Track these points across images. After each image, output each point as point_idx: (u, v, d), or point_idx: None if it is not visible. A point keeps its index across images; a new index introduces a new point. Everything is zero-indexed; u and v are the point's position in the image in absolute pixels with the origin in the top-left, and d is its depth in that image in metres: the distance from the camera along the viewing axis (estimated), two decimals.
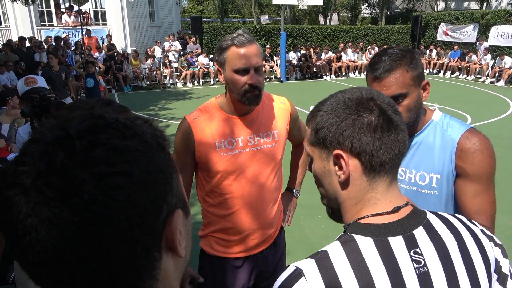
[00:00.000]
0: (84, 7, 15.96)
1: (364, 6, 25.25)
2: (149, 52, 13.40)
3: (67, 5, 15.71)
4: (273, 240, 1.74)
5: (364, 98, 0.77)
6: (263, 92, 1.67)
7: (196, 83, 13.22)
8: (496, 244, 0.83)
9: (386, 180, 0.77)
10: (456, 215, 0.85)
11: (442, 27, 17.12)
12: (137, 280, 0.43)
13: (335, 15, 25.01)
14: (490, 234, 0.84)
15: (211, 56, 13.46)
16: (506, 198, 4.64)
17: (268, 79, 14.08)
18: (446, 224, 0.79)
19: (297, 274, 0.70)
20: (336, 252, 0.72)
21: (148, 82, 12.77)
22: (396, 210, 0.76)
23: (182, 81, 13.08)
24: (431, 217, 0.79)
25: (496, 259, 0.81)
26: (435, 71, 15.56)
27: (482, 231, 0.83)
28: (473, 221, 0.85)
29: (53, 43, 12.14)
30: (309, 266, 0.71)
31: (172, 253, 0.47)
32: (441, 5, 22.27)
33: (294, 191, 1.88)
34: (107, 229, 0.39)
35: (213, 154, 1.54)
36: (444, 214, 0.83)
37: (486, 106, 9.85)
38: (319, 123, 0.79)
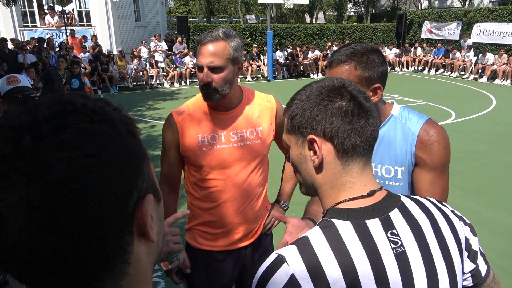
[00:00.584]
0: (68, 8, 15.74)
1: (350, 5, 25.46)
2: (135, 53, 13.29)
3: (50, 5, 15.44)
4: (257, 237, 1.75)
5: (336, 85, 0.80)
6: (247, 89, 1.70)
7: (183, 83, 13.17)
8: (465, 223, 0.87)
9: (359, 163, 0.79)
10: (428, 198, 0.88)
11: (426, 25, 17.38)
12: (108, 264, 0.43)
13: (321, 14, 25.16)
14: (459, 214, 0.88)
15: None
16: (487, 191, 4.75)
17: (255, 78, 14.12)
18: (420, 206, 0.83)
19: (280, 260, 0.72)
20: (316, 237, 0.74)
21: (135, 83, 12.66)
22: (371, 193, 0.79)
23: (169, 81, 13.01)
24: (405, 200, 0.83)
25: (466, 237, 0.85)
26: (419, 68, 15.79)
27: (452, 211, 0.87)
28: (443, 203, 0.89)
29: (37, 44, 11.96)
30: (291, 252, 0.73)
31: (144, 239, 0.47)
32: (425, 3, 22.59)
33: (282, 203, 1.89)
34: (76, 212, 0.39)
35: (196, 149, 1.58)
36: (417, 197, 0.87)
37: (469, 102, 10.05)
38: (293, 111, 0.82)
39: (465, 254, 0.84)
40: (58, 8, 15.07)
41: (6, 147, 0.39)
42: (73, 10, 15.87)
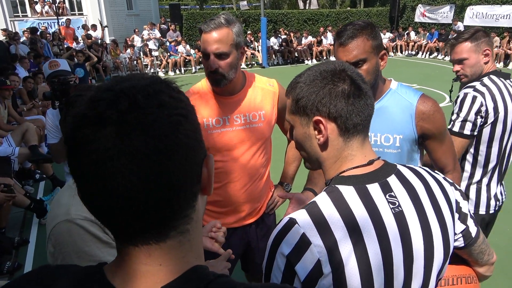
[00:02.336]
0: None
1: None
2: (128, 42, 13.18)
3: None
4: (260, 215, 1.85)
5: (337, 69, 0.88)
6: (250, 73, 1.76)
7: (177, 72, 13.13)
8: (456, 188, 0.97)
9: (359, 139, 0.88)
10: (421, 167, 0.98)
11: (420, 8, 17.36)
12: (185, 207, 0.52)
13: None
14: (451, 181, 0.98)
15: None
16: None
17: (250, 65, 14.08)
18: (414, 172, 0.92)
19: (291, 222, 0.81)
20: (323, 200, 0.83)
21: (129, 72, 12.58)
22: (371, 162, 0.88)
23: (163, 70, 12.97)
24: (401, 168, 0.92)
25: (456, 200, 0.94)
26: (413, 52, 15.83)
27: (444, 178, 0.97)
28: (436, 171, 0.98)
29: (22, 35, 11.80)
30: (301, 215, 0.82)
31: (202, 193, 0.57)
32: None
33: (285, 185, 1.98)
34: (177, 155, 0.48)
35: (202, 132, 1.63)
36: (412, 166, 0.96)
37: None
38: (299, 94, 0.89)
39: (456, 215, 0.94)
40: None
41: (124, 102, 0.47)
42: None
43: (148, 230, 0.50)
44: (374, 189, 0.85)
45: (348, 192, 0.83)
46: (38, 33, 12.09)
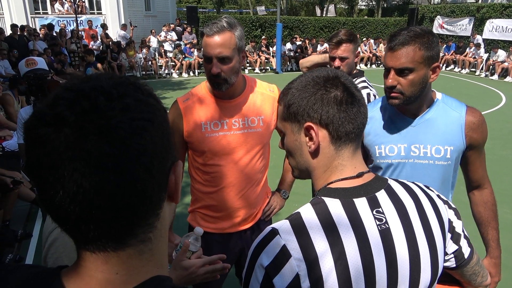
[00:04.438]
0: None
1: None
2: (146, 42, 13.35)
3: None
4: (256, 222, 1.82)
5: (331, 76, 0.85)
6: (251, 78, 1.74)
7: (191, 74, 13.22)
8: (450, 207, 0.92)
9: (351, 148, 0.85)
10: (415, 182, 0.93)
11: (438, 20, 17.17)
12: (147, 215, 0.50)
13: (332, 7, 24.95)
14: (445, 198, 0.93)
15: None
16: (494, 188, 4.75)
17: (264, 70, 14.11)
18: (406, 188, 0.88)
19: (273, 232, 0.78)
20: (307, 212, 0.80)
21: (144, 72, 12.74)
22: (360, 175, 0.84)
23: (177, 71, 13.07)
24: (392, 183, 0.88)
25: (449, 219, 0.90)
26: None
27: (438, 195, 0.92)
28: (430, 187, 0.94)
29: (48, 32, 12.07)
30: (283, 226, 0.79)
31: (168, 199, 0.55)
32: None
33: (282, 192, 1.95)
34: (136, 161, 0.46)
35: (199, 135, 1.63)
36: (405, 181, 0.92)
37: (479, 99, 9.97)
38: (290, 100, 0.87)
39: (448, 235, 0.89)
40: None
41: (84, 103, 0.45)
42: None
43: (105, 237, 0.48)
44: (361, 204, 0.81)
45: (334, 206, 0.80)
46: (58, 30, 12.34)
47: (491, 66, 13.41)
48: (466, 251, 0.92)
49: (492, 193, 1.60)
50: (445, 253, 0.90)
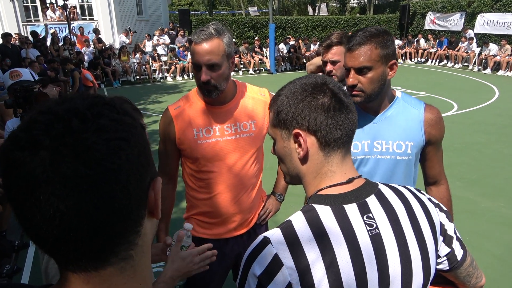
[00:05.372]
0: (70, 2, 15.75)
1: None
2: (140, 46, 13.33)
3: (52, 0, 15.47)
4: (252, 226, 1.82)
5: (319, 83, 0.86)
6: (241, 83, 1.75)
7: (185, 77, 13.21)
8: (441, 210, 0.93)
9: (340, 154, 0.85)
10: (405, 186, 0.94)
11: (430, 15, 17.25)
12: (127, 232, 0.51)
13: (323, 6, 25.00)
14: (436, 201, 0.94)
15: None
16: (487, 182, 4.79)
17: (257, 71, 14.12)
18: (396, 193, 0.88)
19: (265, 242, 0.79)
20: (298, 220, 0.81)
21: (138, 77, 12.71)
22: (350, 181, 0.85)
23: (171, 75, 13.05)
24: (382, 187, 0.88)
25: (441, 223, 0.91)
26: (423, 59, 15.72)
27: (429, 199, 0.93)
28: (421, 191, 0.94)
29: (31, 39, 12.02)
30: (275, 234, 0.79)
31: (151, 216, 0.55)
32: None
33: (277, 195, 1.96)
34: (112, 181, 0.46)
35: (192, 142, 1.64)
36: (395, 185, 0.92)
37: (472, 93, 10.03)
38: (279, 106, 0.88)
39: (440, 238, 0.90)
40: (60, 1, 15.10)
41: (58, 126, 0.46)
42: (75, 4, 15.90)
43: (85, 258, 0.48)
44: (351, 210, 0.82)
45: (325, 213, 0.81)
46: (49, 37, 12.28)
47: (483, 60, 13.49)
48: (459, 253, 0.92)
49: (448, 189, 1.67)
50: (438, 256, 0.91)
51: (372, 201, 0.84)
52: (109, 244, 0.49)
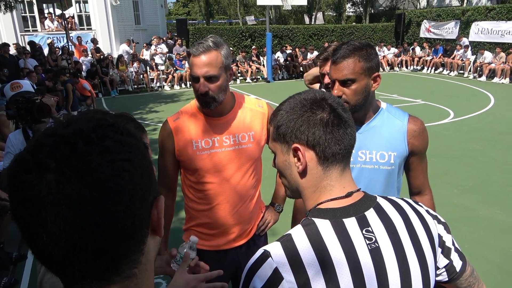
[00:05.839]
0: (69, 12, 15.84)
1: (349, 5, 25.48)
2: (137, 55, 13.38)
3: (50, 10, 15.55)
4: (251, 237, 1.83)
5: (318, 98, 0.88)
6: (239, 94, 1.78)
7: (183, 86, 13.25)
8: (439, 222, 0.94)
9: (339, 168, 0.87)
10: (404, 198, 0.96)
11: (425, 24, 17.42)
12: (131, 252, 0.52)
13: (320, 15, 25.19)
14: (434, 213, 0.95)
15: None
16: (483, 189, 4.81)
17: (255, 80, 14.18)
18: (395, 206, 0.90)
19: (265, 255, 0.80)
20: (298, 234, 0.82)
21: (136, 86, 12.74)
22: (349, 195, 0.87)
23: (169, 84, 13.10)
24: (381, 201, 0.90)
25: (439, 234, 0.92)
26: (419, 67, 15.84)
27: (427, 211, 0.94)
28: (419, 203, 0.96)
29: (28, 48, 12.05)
30: (275, 248, 0.81)
31: (154, 234, 0.56)
32: (423, 2, 22.59)
33: (276, 206, 1.97)
34: (117, 202, 0.48)
35: (191, 153, 1.66)
36: (393, 198, 0.94)
37: (468, 100, 10.10)
38: (279, 121, 0.90)
39: (439, 250, 0.91)
40: (58, 11, 15.18)
41: (64, 149, 0.47)
42: (73, 14, 15.99)
43: (90, 277, 0.50)
44: (350, 223, 0.83)
45: (324, 227, 0.82)
46: (46, 47, 12.32)
47: (478, 68, 13.62)
48: (457, 264, 0.93)
49: (432, 200, 1.70)
50: (437, 268, 0.92)
51: (371, 215, 0.86)
52: (114, 263, 0.50)
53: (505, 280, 3.07)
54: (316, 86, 2.58)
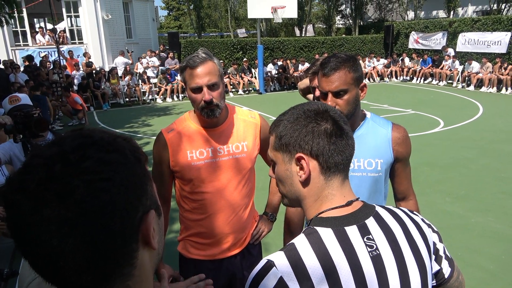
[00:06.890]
0: (60, 26, 15.85)
1: (338, 17, 25.91)
2: (128, 69, 13.39)
3: (41, 24, 15.55)
4: (245, 246, 1.84)
5: (321, 110, 0.91)
6: (232, 106, 1.80)
7: (175, 98, 13.27)
8: (433, 231, 0.98)
9: (340, 178, 0.90)
10: (400, 207, 0.99)
11: (413, 35, 17.76)
12: (117, 266, 0.52)
13: (310, 27, 25.55)
14: (428, 222, 0.99)
15: None
16: (475, 197, 4.86)
17: (247, 92, 14.27)
18: (393, 215, 0.93)
19: (269, 265, 0.81)
20: (301, 243, 0.84)
21: (127, 99, 12.72)
22: (349, 203, 0.89)
23: (161, 96, 13.11)
24: (379, 210, 0.93)
25: (434, 242, 0.96)
26: (408, 78, 16.08)
27: (422, 219, 0.97)
28: (414, 212, 0.99)
29: (23, 63, 11.99)
30: (279, 257, 0.82)
31: (147, 247, 0.56)
32: (411, 14, 23.07)
33: (269, 215, 1.99)
34: (94, 223, 0.48)
35: (185, 164, 1.68)
36: (390, 207, 0.97)
37: (457, 110, 10.26)
38: (282, 131, 0.91)
39: (433, 257, 0.95)
40: (49, 26, 15.18)
41: (41, 172, 0.49)
42: (65, 28, 16.00)
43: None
44: (352, 232, 0.85)
45: (327, 235, 0.84)
46: (38, 61, 12.28)
47: (466, 78, 13.88)
48: (446, 271, 0.97)
49: (416, 204, 1.75)
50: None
51: (371, 223, 0.88)
52: (103, 278, 0.51)
53: (500, 287, 3.09)
54: (310, 96, 2.63)
